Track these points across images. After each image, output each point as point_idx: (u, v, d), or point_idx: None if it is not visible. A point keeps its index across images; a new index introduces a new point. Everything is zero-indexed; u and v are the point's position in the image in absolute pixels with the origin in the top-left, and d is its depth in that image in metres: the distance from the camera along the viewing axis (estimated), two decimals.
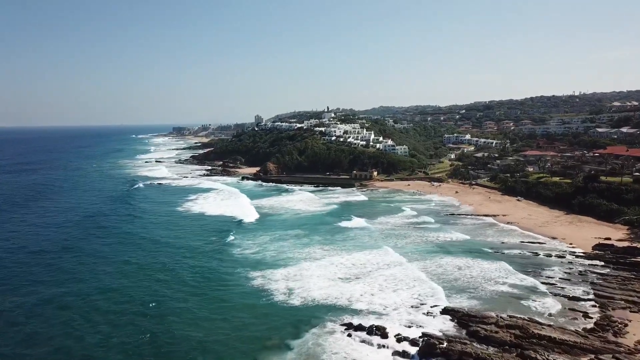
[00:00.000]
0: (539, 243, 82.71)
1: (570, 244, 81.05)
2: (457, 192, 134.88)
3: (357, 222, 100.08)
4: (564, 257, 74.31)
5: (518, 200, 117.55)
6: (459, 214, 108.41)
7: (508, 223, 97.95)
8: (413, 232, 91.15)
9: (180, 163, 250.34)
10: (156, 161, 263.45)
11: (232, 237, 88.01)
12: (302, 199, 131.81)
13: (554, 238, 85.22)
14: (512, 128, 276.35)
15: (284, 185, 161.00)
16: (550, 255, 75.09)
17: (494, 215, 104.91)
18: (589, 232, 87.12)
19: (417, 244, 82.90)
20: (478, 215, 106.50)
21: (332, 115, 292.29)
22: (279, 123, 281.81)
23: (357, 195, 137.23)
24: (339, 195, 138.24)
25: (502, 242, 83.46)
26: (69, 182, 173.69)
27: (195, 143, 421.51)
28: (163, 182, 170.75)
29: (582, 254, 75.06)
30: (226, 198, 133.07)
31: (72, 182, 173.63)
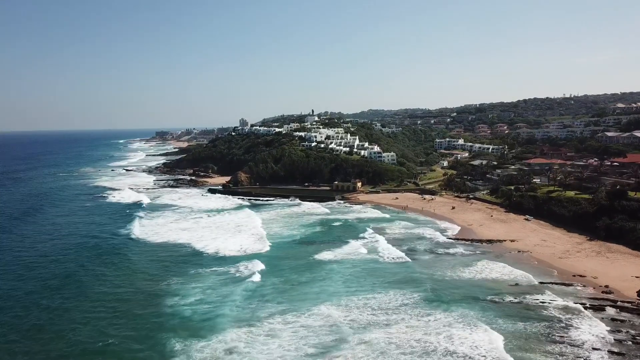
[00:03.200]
0: (565, 284, 63.40)
1: (606, 286, 61.83)
2: (453, 207, 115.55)
3: (331, 253, 79.97)
4: (603, 309, 55.00)
5: (526, 219, 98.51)
6: (457, 239, 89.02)
7: (519, 252, 78.71)
8: (399, 269, 71.26)
9: (149, 172, 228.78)
10: (124, 169, 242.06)
11: (165, 279, 67.51)
12: (271, 218, 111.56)
13: (581, 276, 65.99)
14: (507, 131, 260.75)
15: (255, 199, 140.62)
16: (585, 306, 55.72)
17: (500, 241, 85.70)
18: (625, 267, 68.01)
19: (400, 288, 62.73)
20: (480, 240, 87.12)
21: (316, 118, 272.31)
22: (257, 127, 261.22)
23: (338, 212, 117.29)
24: (318, 212, 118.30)
25: (516, 284, 63.91)
26: (8, 195, 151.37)
27: (174, 148, 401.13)
28: (117, 195, 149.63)
29: (626, 305, 55.83)
30: (181, 218, 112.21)
31: (13, 194, 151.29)
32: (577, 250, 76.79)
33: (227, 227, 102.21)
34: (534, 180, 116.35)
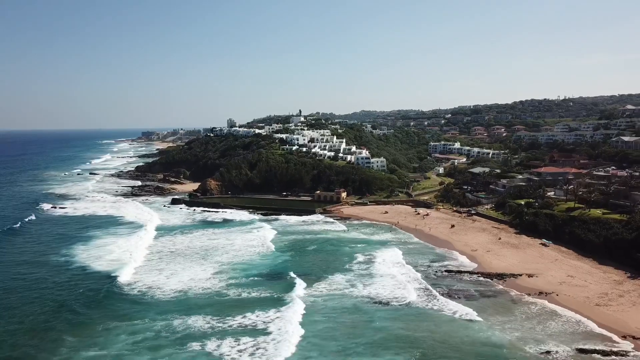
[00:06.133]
0: (615, 354, 45.29)
1: None
2: (452, 225, 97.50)
3: (300, 294, 61.39)
4: None
5: (543, 244, 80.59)
6: (459, 271, 70.81)
7: (540, 294, 60.60)
8: (383, 321, 52.81)
9: (118, 176, 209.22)
10: (90, 173, 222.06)
11: (55, 335, 48.52)
12: (236, 240, 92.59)
13: (635, 338, 47.97)
14: (505, 134, 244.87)
15: (223, 212, 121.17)
16: None
17: (515, 275, 67.62)
18: None
19: (379, 355, 44.70)
20: (489, 274, 68.94)
21: (302, 119, 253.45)
22: (237, 128, 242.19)
23: (317, 231, 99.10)
24: (294, 230, 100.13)
25: (546, 352, 45.74)
26: None
27: (156, 150, 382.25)
28: (67, 206, 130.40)
29: None
30: (122, 236, 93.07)
31: None
32: (619, 294, 58.73)
33: (175, 252, 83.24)
34: (547, 193, 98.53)
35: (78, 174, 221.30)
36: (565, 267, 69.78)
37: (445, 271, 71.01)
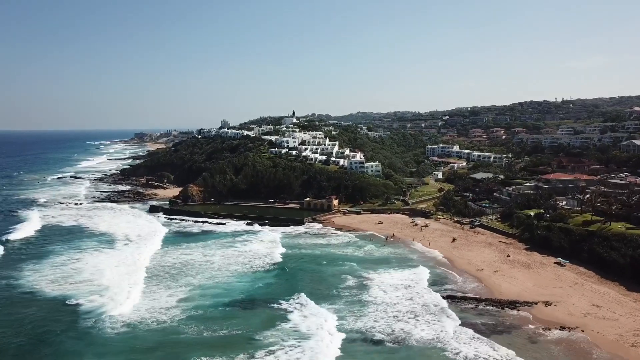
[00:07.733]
0: None
1: None
2: (453, 239, 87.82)
3: (275, 335, 51.42)
4: None
5: (559, 263, 70.98)
6: (464, 298, 61.07)
7: (562, 329, 50.93)
8: None
9: (100, 180, 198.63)
10: (71, 177, 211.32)
11: None
12: (211, 254, 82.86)
13: None
14: (504, 136, 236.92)
15: (203, 222, 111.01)
16: None
17: (529, 303, 57.92)
18: None
19: None
20: (499, 301, 59.17)
21: (294, 120, 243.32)
22: (225, 130, 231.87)
23: (304, 246, 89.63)
24: (279, 244, 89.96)
25: None
26: None
27: (146, 151, 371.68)
28: (36, 213, 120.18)
29: None
30: (89, 249, 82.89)
31: None
32: None
33: (143, 271, 73.26)
34: (559, 203, 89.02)
35: (58, 178, 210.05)
36: (587, 293, 60.17)
37: (447, 297, 61.20)
